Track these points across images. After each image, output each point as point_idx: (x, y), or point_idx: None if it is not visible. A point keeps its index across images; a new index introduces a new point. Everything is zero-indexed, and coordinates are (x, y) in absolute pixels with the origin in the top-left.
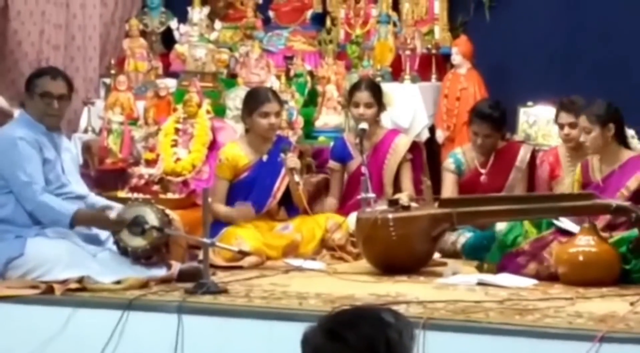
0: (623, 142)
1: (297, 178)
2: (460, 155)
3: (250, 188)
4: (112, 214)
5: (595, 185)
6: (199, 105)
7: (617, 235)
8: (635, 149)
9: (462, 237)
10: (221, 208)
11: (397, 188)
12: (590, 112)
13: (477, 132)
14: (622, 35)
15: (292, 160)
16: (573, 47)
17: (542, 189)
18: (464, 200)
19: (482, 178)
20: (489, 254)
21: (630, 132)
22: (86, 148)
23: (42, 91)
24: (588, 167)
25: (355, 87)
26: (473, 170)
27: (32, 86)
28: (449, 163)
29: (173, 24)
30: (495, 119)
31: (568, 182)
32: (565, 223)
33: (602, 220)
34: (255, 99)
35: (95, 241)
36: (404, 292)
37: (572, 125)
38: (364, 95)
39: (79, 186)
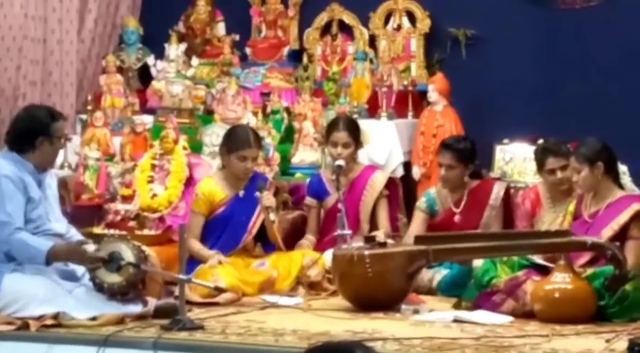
0: (615, 179)
1: (272, 216)
2: (434, 195)
3: (226, 224)
4: (90, 248)
5: (582, 221)
6: (176, 142)
7: (591, 269)
8: (625, 186)
9: (438, 274)
10: (195, 246)
11: (373, 224)
12: (579, 152)
13: (441, 162)
14: (599, 72)
15: (267, 198)
16: (549, 85)
17: (523, 227)
18: (440, 237)
19: (456, 217)
20: (466, 291)
21: (622, 168)
22: (62, 184)
23: (61, 134)
24: (582, 202)
25: (333, 127)
26: (447, 210)
27: (51, 130)
28: (421, 202)
29: (150, 60)
30: (457, 149)
31: (547, 220)
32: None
33: (585, 257)
34: (235, 141)
35: (71, 277)
36: (380, 329)
37: (564, 168)
38: (342, 135)
39: (59, 223)
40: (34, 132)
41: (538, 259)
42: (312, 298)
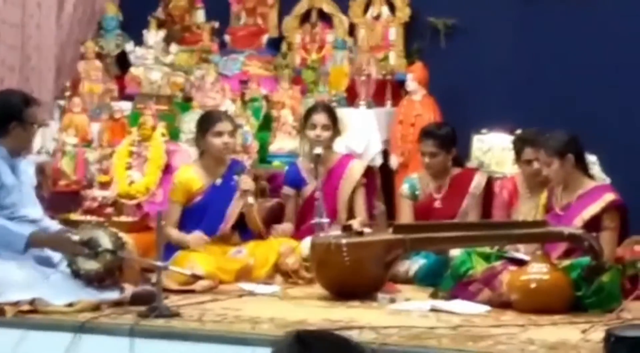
0: (585, 170)
1: (250, 200)
2: (416, 180)
3: (203, 212)
4: (74, 237)
5: (554, 214)
6: (154, 128)
7: (568, 261)
8: (595, 176)
9: (414, 263)
10: (173, 233)
11: (351, 213)
12: (548, 144)
13: (424, 151)
14: (578, 63)
15: (245, 182)
16: (528, 75)
17: (500, 217)
18: (418, 226)
19: (436, 203)
20: (442, 281)
21: (591, 159)
22: (40, 170)
23: (34, 120)
24: (553, 194)
25: (312, 110)
26: (428, 195)
27: (24, 115)
28: (404, 189)
29: (129, 46)
30: (439, 136)
31: (524, 210)
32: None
33: (560, 248)
34: (207, 120)
35: (48, 263)
36: (357, 317)
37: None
38: (321, 118)
39: (34, 209)
40: (6, 117)
41: (515, 253)
42: (289, 286)
